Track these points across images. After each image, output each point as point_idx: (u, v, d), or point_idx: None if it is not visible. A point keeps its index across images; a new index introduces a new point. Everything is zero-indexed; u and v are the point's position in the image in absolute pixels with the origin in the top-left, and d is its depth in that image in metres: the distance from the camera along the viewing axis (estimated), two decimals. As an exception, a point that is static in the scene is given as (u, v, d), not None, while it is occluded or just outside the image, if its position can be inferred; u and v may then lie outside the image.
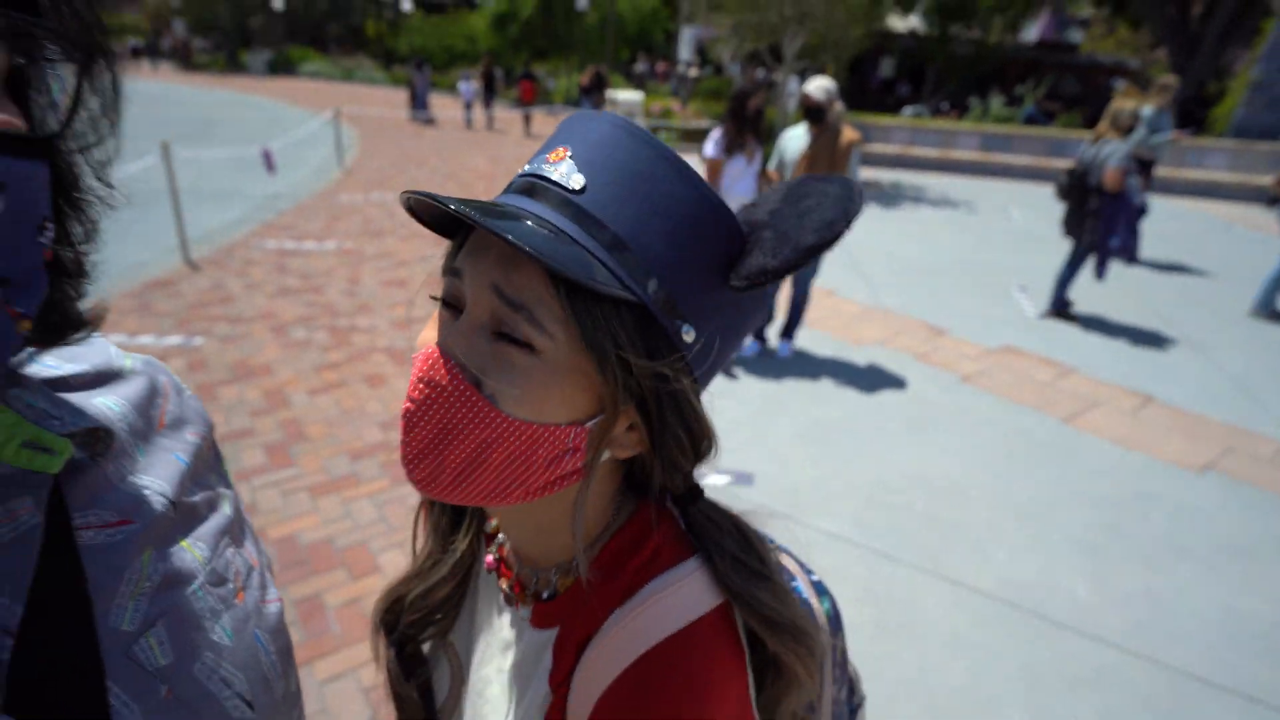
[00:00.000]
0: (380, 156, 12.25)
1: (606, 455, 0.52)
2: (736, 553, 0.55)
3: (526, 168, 0.52)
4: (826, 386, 4.23)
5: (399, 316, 5.04)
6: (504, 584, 0.63)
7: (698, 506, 0.56)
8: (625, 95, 14.62)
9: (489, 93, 17.53)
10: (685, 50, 17.58)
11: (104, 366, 0.57)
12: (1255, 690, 2.26)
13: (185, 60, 32.97)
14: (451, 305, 0.52)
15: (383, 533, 2.81)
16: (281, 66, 34.60)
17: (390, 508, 2.96)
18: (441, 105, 20.88)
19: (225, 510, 0.59)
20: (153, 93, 22.77)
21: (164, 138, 6.09)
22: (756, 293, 0.52)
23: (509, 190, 0.52)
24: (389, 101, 23.27)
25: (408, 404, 0.49)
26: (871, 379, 4.32)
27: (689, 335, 0.49)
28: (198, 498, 0.56)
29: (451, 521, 0.68)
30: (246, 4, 37.79)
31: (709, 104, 17.10)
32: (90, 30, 0.41)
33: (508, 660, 0.60)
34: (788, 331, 4.56)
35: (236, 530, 0.59)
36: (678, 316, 0.49)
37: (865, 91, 24.58)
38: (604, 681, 0.51)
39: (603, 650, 0.52)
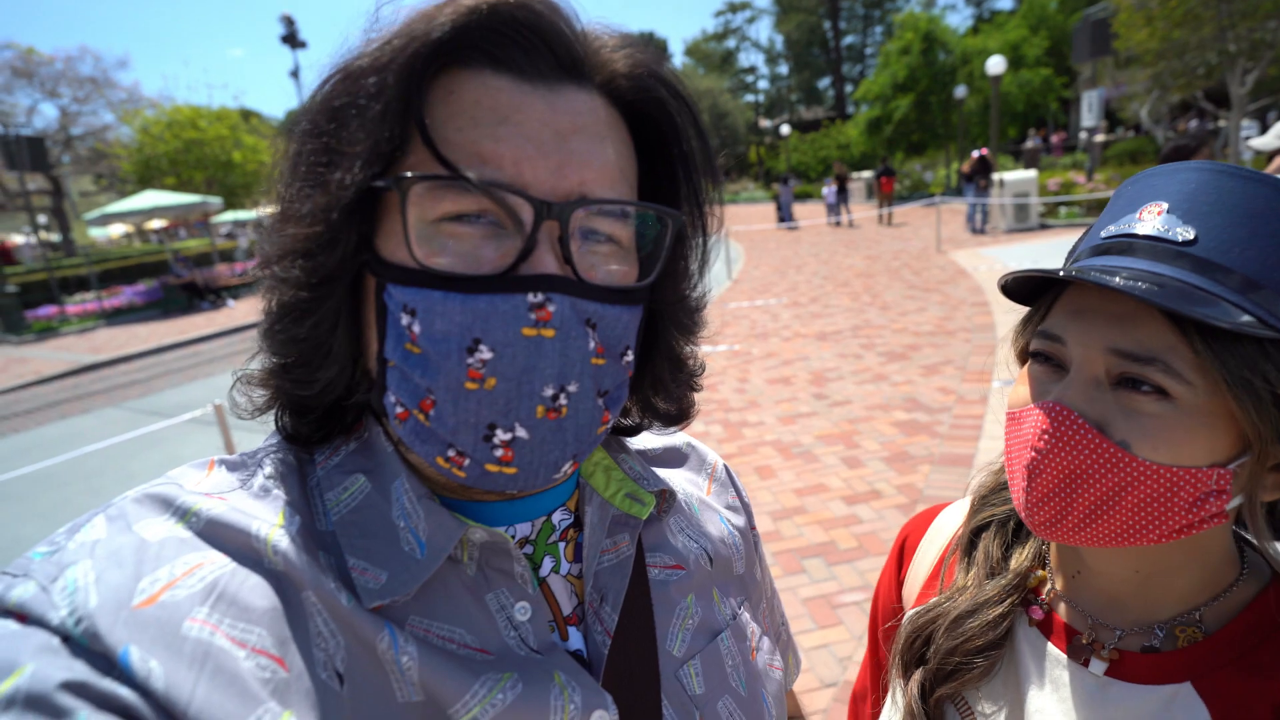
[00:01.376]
0: (764, 266, 13.25)
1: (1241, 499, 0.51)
2: None
3: (1110, 229, 0.52)
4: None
5: (784, 412, 5.27)
6: (1066, 640, 0.61)
7: None
8: (1014, 175, 13.54)
9: (842, 193, 18.84)
10: (1089, 116, 15.69)
11: (670, 445, 0.72)
12: None
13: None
14: (1047, 361, 0.55)
15: (776, 621, 2.88)
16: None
17: (781, 598, 3.03)
18: (808, 213, 21.82)
19: (753, 574, 0.69)
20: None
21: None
22: None
23: (1087, 254, 0.54)
24: (769, 217, 25.20)
25: (1032, 454, 0.51)
26: None
27: None
28: (734, 556, 0.66)
29: (1004, 545, 0.68)
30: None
31: (1125, 169, 14.85)
32: (701, 208, 0.55)
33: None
34: None
35: (755, 594, 0.68)
36: None
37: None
38: None
39: None
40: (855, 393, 5.53)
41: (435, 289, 0.43)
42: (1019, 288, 0.58)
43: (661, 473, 0.64)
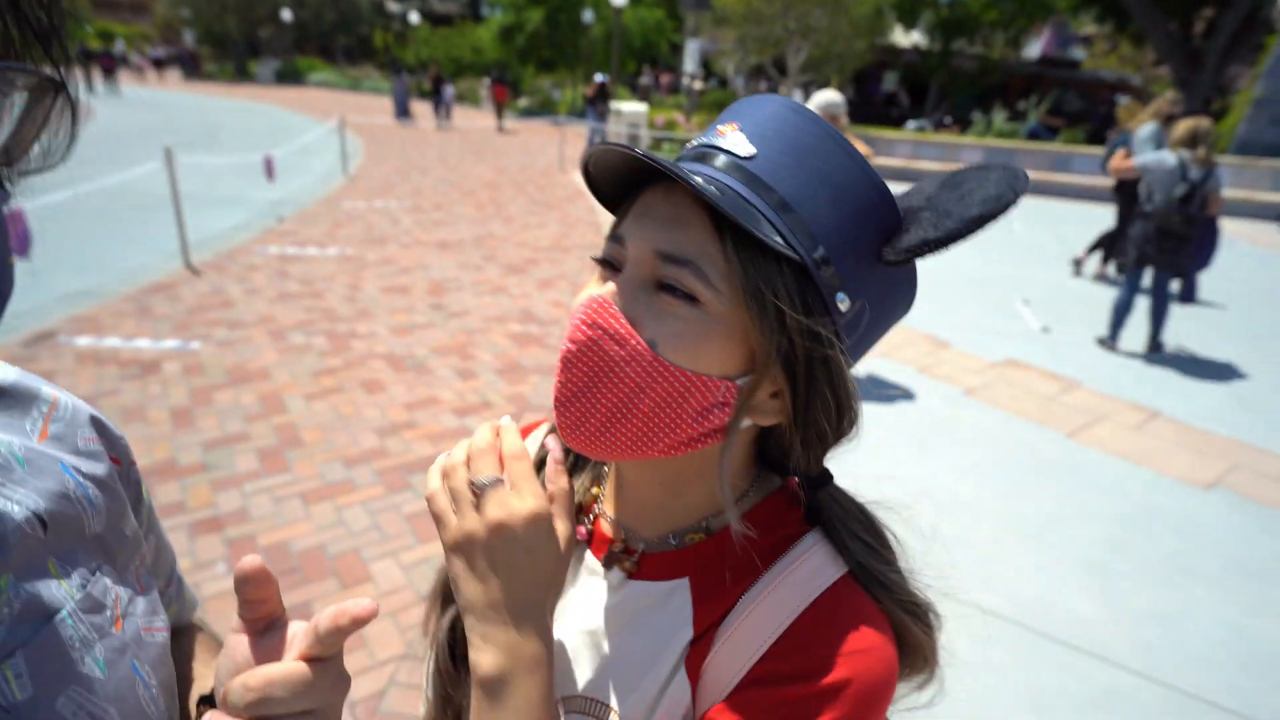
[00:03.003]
0: (385, 165, 12.27)
1: (748, 422, 0.55)
2: (865, 536, 0.58)
3: (698, 140, 0.56)
4: (828, 398, 4.18)
5: (399, 323, 5.01)
6: (605, 550, 0.63)
7: (827, 490, 0.58)
8: (629, 106, 14.65)
9: (438, 95, 20.11)
10: (690, 63, 17.65)
11: None
12: (1265, 715, 2.19)
13: (195, 69, 32.92)
14: (611, 267, 0.55)
15: (375, 541, 2.76)
16: (289, 76, 34.83)
17: (384, 515, 2.91)
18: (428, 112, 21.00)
19: (121, 528, 0.54)
20: (159, 101, 22.93)
21: (169, 144, 6.09)
22: (909, 273, 0.55)
23: (680, 159, 0.56)
24: (416, 115, 23.34)
25: (569, 346, 0.52)
26: (875, 392, 4.28)
27: (844, 304, 0.51)
28: (90, 513, 0.51)
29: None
30: (255, 15, 38.06)
31: (714, 116, 17.19)
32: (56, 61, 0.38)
33: (610, 617, 0.60)
34: None
35: (126, 551, 0.54)
36: (835, 283, 0.51)
37: (869, 105, 24.66)
38: (780, 622, 0.53)
39: (771, 597, 0.54)
40: (474, 304, 5.50)
41: None
42: (608, 188, 0.59)
43: None
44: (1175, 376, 4.84)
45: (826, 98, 4.06)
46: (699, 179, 0.48)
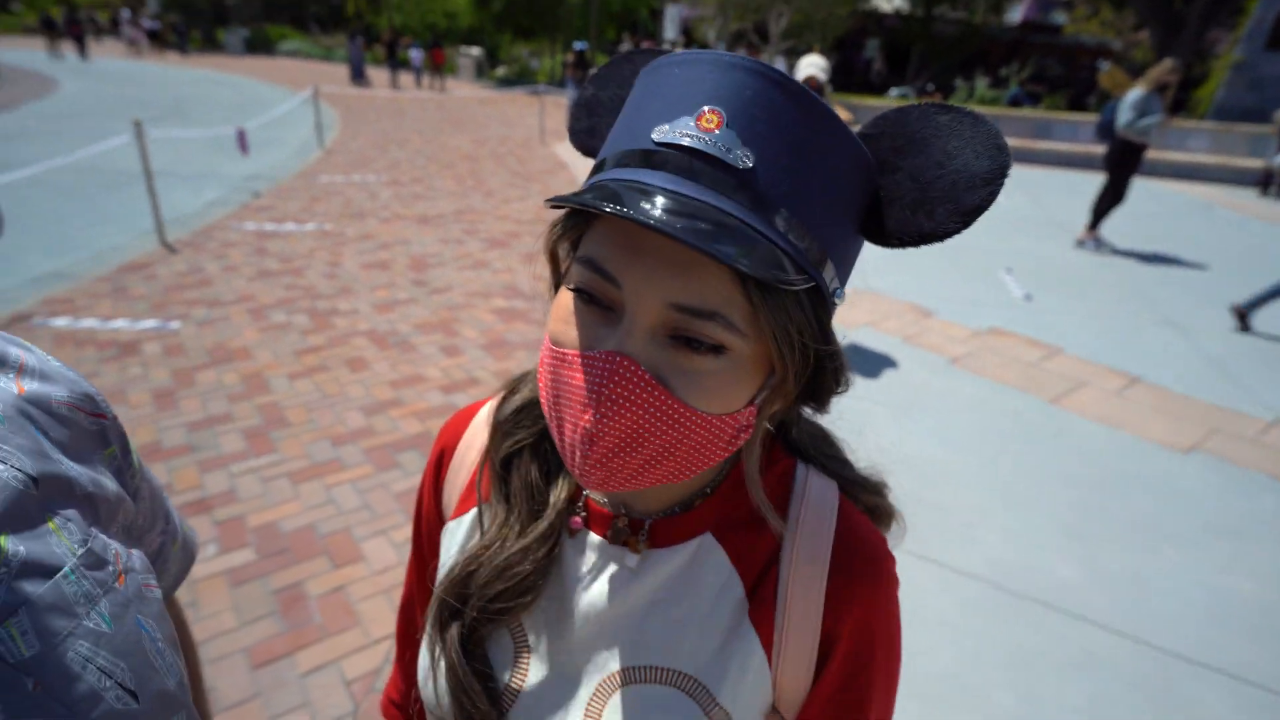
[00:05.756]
0: (361, 137, 12.03)
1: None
2: (831, 452, 0.66)
3: (665, 129, 0.46)
4: (814, 369, 4.20)
5: (381, 300, 4.95)
6: (607, 531, 0.62)
7: (800, 426, 0.65)
8: (610, 75, 14.40)
9: (391, 59, 21.43)
10: (671, 29, 17.36)
11: None
12: (1241, 670, 2.27)
13: (162, 38, 31.69)
14: (593, 299, 0.49)
15: (366, 520, 2.76)
16: (259, 45, 33.86)
17: (373, 494, 2.91)
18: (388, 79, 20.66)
19: (109, 487, 0.54)
20: (124, 71, 22.24)
21: (136, 117, 5.91)
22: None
23: (640, 160, 0.46)
24: (380, 81, 22.85)
25: (598, 421, 0.47)
26: (861, 361, 4.31)
27: (840, 298, 0.51)
28: (74, 472, 0.51)
29: (544, 475, 0.65)
30: (222, -20, 36.85)
31: (695, 84, 17.00)
32: None
33: (640, 589, 0.60)
34: None
35: (113, 506, 0.54)
36: (836, 283, 0.50)
37: (851, 72, 24.46)
38: (823, 555, 0.58)
39: (805, 542, 0.58)
40: (456, 279, 5.45)
41: None
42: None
43: None
44: (1153, 342, 4.91)
45: (815, 62, 4.02)
46: (705, 225, 0.42)
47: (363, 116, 14.49)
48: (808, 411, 0.61)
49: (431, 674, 0.62)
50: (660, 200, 0.43)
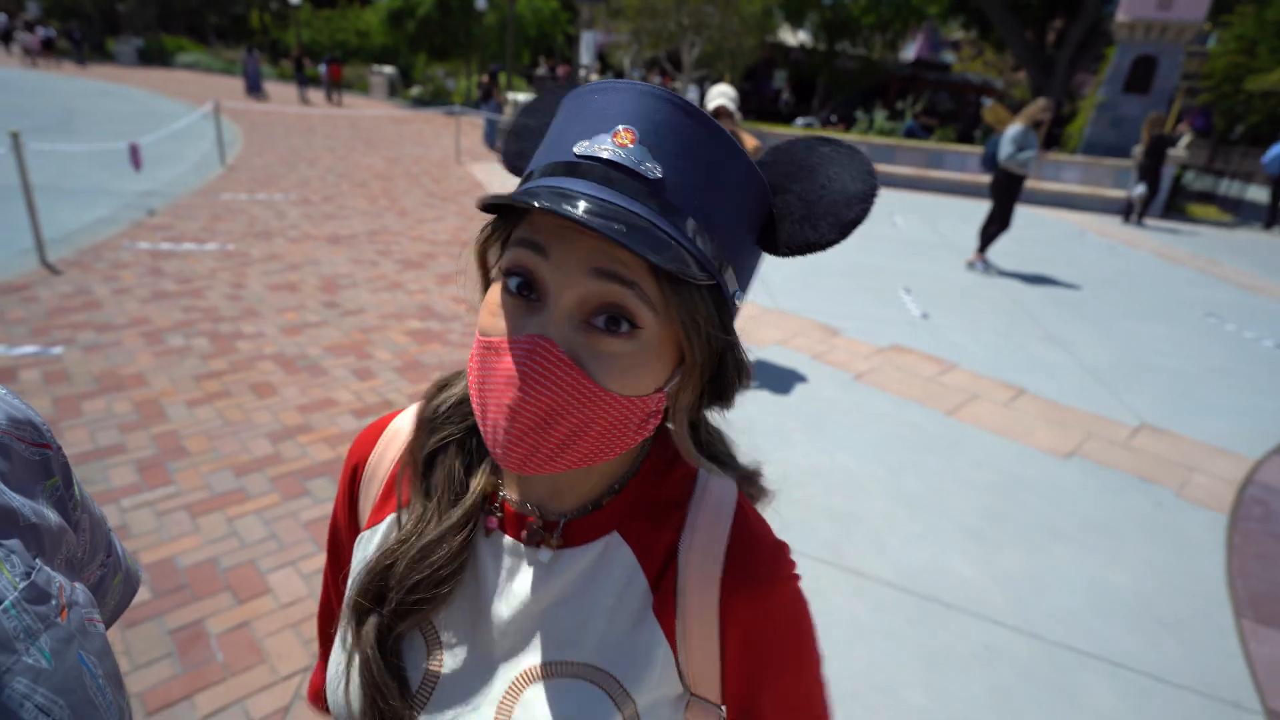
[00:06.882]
0: (268, 154, 11.57)
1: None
2: (726, 449, 0.70)
3: (585, 145, 0.51)
4: (731, 387, 4.32)
5: (289, 322, 4.76)
6: (520, 532, 0.64)
7: (706, 427, 0.69)
8: (526, 97, 14.45)
9: (300, 73, 22.08)
10: (586, 55, 17.58)
11: None
12: (1119, 656, 2.47)
13: (55, 47, 29.18)
14: (521, 281, 0.53)
15: (272, 551, 2.64)
16: (154, 56, 32.10)
17: (280, 524, 2.79)
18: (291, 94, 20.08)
19: (51, 518, 0.53)
20: (11, 80, 20.61)
21: (15, 128, 5.51)
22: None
23: (564, 170, 0.51)
24: (280, 97, 22.09)
25: (516, 393, 0.51)
26: (773, 378, 4.46)
27: (740, 300, 0.57)
28: (16, 503, 0.50)
29: (465, 469, 0.67)
30: (112, -14, 34.80)
31: (611, 109, 17.22)
32: None
33: (552, 587, 0.63)
34: None
35: (56, 539, 0.53)
36: (735, 286, 0.56)
37: (761, 100, 25.42)
38: (718, 551, 0.61)
39: (701, 535, 0.63)
40: (369, 301, 5.31)
41: None
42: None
43: None
44: (1036, 356, 5.31)
45: (724, 92, 4.17)
46: (620, 225, 0.47)
47: (269, 133, 13.94)
48: (714, 416, 0.65)
49: (344, 676, 0.62)
50: (582, 203, 0.48)
